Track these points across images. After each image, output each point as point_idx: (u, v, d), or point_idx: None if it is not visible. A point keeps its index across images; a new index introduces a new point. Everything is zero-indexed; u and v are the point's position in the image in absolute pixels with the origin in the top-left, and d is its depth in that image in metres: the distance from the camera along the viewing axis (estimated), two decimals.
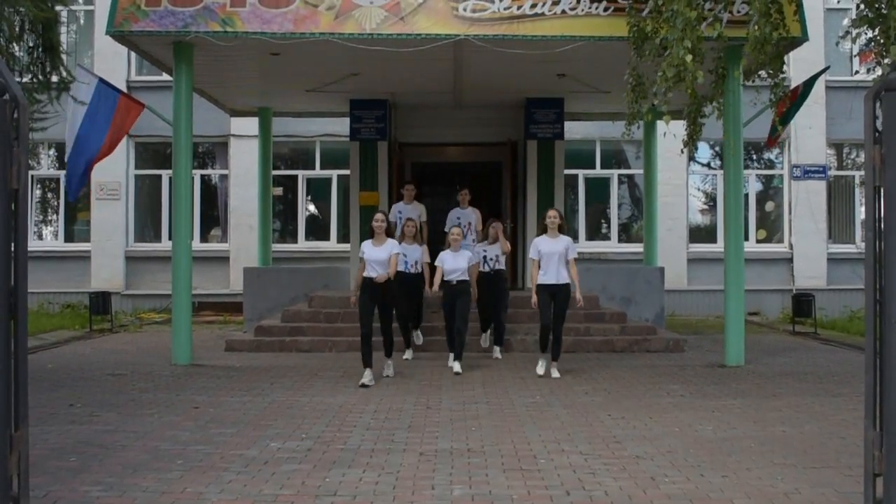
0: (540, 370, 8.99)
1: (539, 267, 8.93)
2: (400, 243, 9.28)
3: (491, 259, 10.12)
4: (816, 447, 5.98)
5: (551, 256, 8.88)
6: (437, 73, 11.75)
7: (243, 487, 4.94)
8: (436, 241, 11.34)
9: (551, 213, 9.25)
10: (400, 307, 9.69)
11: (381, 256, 8.50)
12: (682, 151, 11.11)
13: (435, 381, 8.68)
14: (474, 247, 10.49)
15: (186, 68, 10.21)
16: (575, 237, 16.62)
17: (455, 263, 9.45)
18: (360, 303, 8.58)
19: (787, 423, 6.82)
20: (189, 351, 10.09)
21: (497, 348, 10.46)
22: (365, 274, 8.57)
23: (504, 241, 10.31)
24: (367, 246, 8.67)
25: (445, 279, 9.43)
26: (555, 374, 8.98)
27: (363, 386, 8.22)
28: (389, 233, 8.94)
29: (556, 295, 8.91)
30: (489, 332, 10.61)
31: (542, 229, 9.20)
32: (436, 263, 9.53)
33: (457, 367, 9.17)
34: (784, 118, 11.26)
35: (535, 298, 8.89)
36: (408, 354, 10.23)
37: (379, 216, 8.85)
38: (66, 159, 9.70)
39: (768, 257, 16.94)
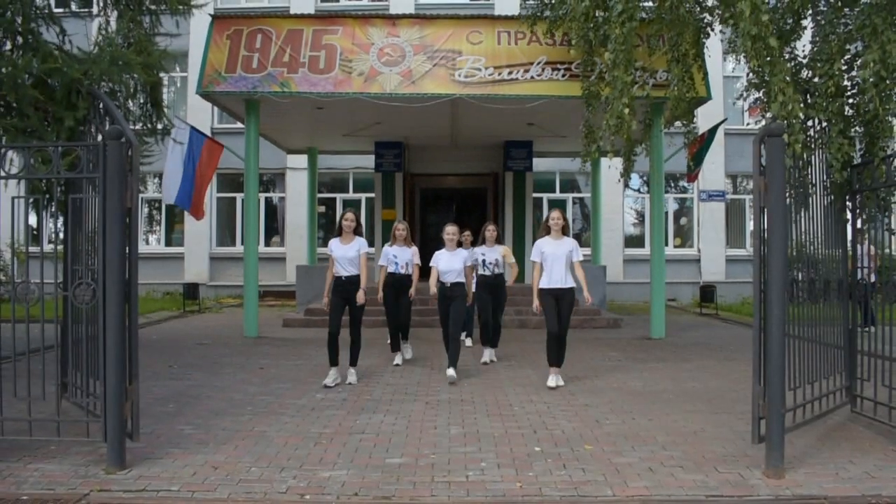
0: (552, 382, 6.39)
1: (542, 270, 6.47)
2: (391, 246, 7.57)
3: (490, 263, 7.74)
4: (717, 398, 5.99)
5: (556, 259, 6.39)
6: (439, 122, 11.75)
7: (296, 426, 4.95)
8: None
9: (555, 213, 6.56)
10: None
11: (348, 254, 6.49)
12: (619, 180, 11.12)
13: (437, 351, 8.56)
14: (471, 249, 7.88)
15: (254, 118, 10.22)
16: None
17: (450, 264, 6.99)
18: (331, 302, 6.57)
19: (696, 380, 6.83)
20: (256, 327, 10.06)
21: (491, 350, 7.94)
22: (335, 273, 6.55)
23: (510, 255, 7.96)
24: (335, 244, 6.59)
25: (441, 281, 7.04)
26: (551, 382, 6.42)
27: (326, 387, 6.32)
28: (358, 233, 6.68)
29: (559, 299, 6.42)
30: (489, 348, 7.89)
31: (546, 231, 6.58)
32: (431, 264, 7.12)
33: (451, 373, 6.65)
34: (697, 158, 11.28)
35: (536, 303, 6.42)
36: (398, 359, 7.72)
37: (349, 215, 6.65)
38: (163, 181, 9.73)
39: (682, 258, 16.94)
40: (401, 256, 7.53)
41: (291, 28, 9.93)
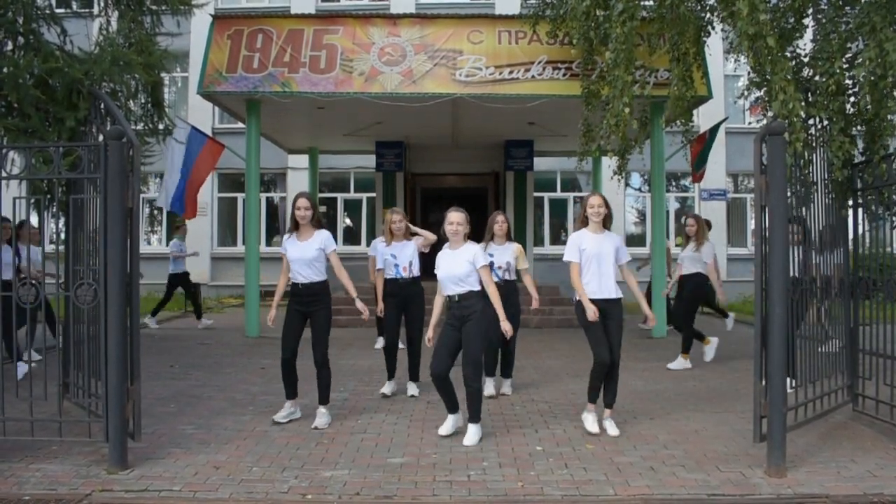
0: (592, 427, 4.75)
1: (580, 273, 4.78)
2: (388, 245, 5.81)
3: (500, 267, 5.70)
4: (718, 397, 5.99)
5: (602, 259, 4.74)
6: (440, 121, 11.74)
7: (298, 426, 4.95)
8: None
9: (595, 199, 4.77)
10: (394, 331, 5.79)
11: (306, 254, 4.86)
12: (612, 178, 11.11)
13: None
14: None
15: (255, 118, 10.22)
16: (541, 244, 16.69)
17: (450, 268, 4.56)
18: (286, 317, 5.11)
19: (696, 379, 6.83)
20: (257, 326, 10.07)
21: (507, 382, 6.10)
22: (291, 279, 4.95)
23: (523, 258, 5.86)
24: (290, 242, 4.92)
25: (445, 294, 4.62)
26: (612, 430, 4.72)
27: (275, 423, 4.96)
28: (319, 224, 4.96)
29: (607, 315, 4.71)
30: (497, 375, 6.13)
31: (583, 223, 4.89)
32: (436, 271, 4.68)
33: (474, 433, 4.55)
34: (701, 159, 11.26)
35: (594, 310, 4.62)
36: (388, 388, 5.97)
37: (302, 202, 4.81)
38: (162, 183, 9.78)
39: None
40: (402, 256, 5.73)
41: (292, 28, 9.93)
